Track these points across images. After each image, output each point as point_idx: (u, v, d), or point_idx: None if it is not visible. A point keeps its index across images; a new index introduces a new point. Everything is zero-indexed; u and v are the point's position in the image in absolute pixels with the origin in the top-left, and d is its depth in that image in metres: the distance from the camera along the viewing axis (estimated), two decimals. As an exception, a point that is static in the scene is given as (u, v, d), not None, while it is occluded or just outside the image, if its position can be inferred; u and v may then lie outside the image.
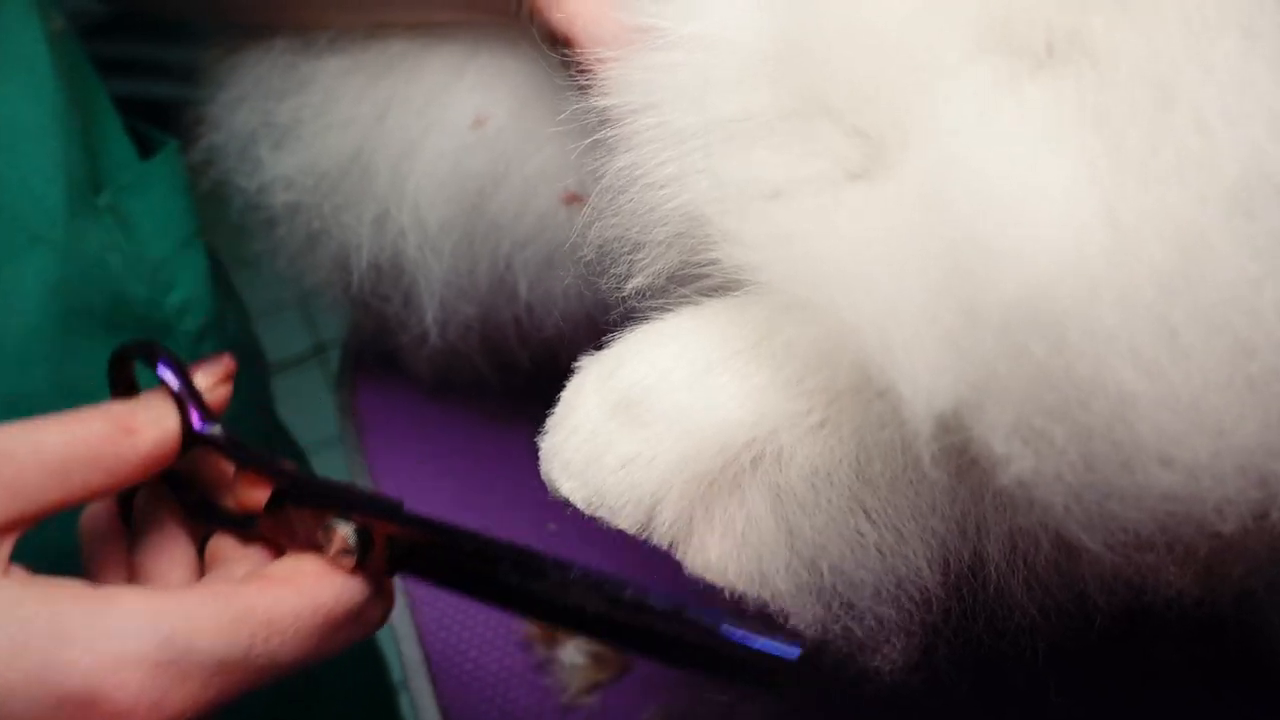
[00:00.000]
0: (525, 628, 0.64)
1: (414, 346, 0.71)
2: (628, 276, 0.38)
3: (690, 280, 0.37)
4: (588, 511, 0.36)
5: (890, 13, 0.33)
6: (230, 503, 0.40)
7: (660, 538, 0.35)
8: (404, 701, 0.79)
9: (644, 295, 0.40)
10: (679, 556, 0.35)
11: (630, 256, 0.38)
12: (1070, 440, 0.27)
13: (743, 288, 0.36)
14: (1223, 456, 0.27)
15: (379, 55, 0.62)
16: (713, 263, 0.35)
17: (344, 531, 0.37)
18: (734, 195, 0.34)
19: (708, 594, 0.35)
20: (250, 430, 0.69)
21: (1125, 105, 0.30)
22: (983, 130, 0.30)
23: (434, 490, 0.75)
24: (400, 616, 0.66)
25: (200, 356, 0.61)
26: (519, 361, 0.69)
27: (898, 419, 0.31)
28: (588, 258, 0.41)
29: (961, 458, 0.31)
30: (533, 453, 0.40)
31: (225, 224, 0.70)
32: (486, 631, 0.64)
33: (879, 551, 0.33)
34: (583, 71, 0.42)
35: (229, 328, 0.67)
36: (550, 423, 0.38)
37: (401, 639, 0.65)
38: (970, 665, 0.37)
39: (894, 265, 0.30)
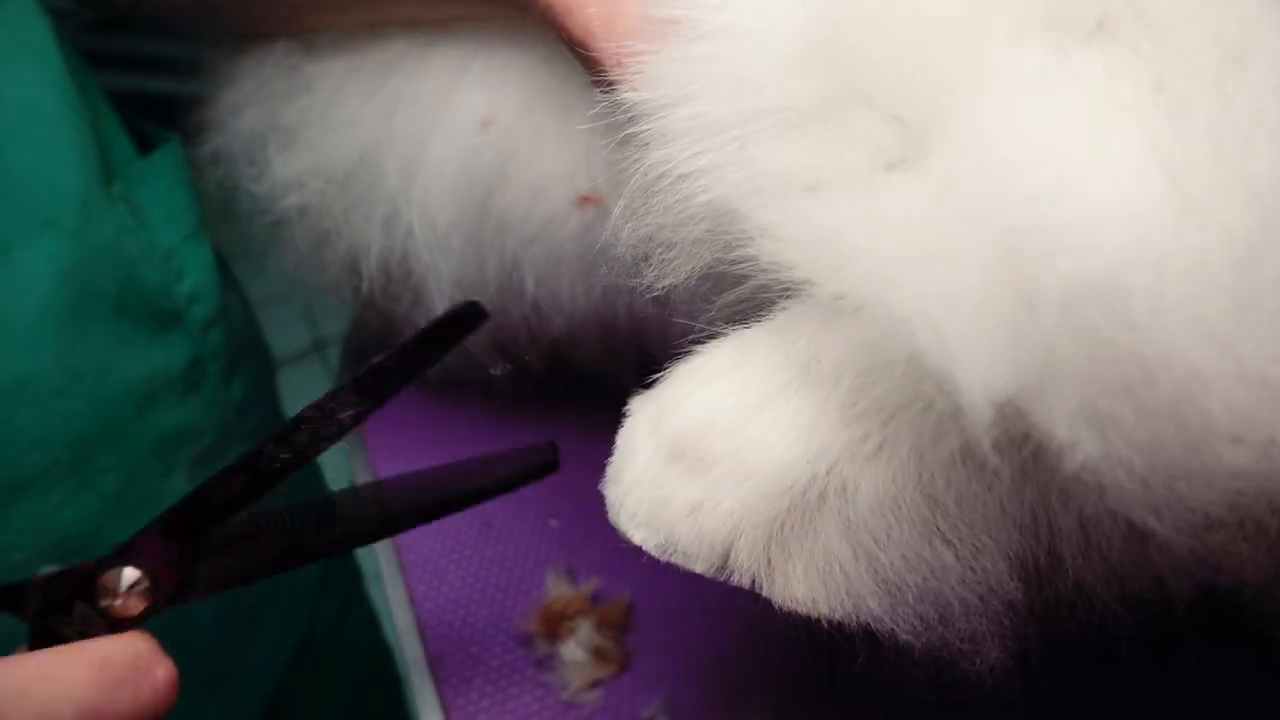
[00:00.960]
0: (526, 624, 0.64)
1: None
2: (661, 276, 0.38)
3: (728, 286, 0.37)
4: (663, 559, 0.36)
5: None
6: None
7: (741, 579, 0.36)
8: (405, 698, 0.79)
9: (680, 303, 0.39)
10: (765, 594, 0.36)
11: (663, 255, 0.38)
12: (1137, 422, 0.27)
13: (781, 303, 0.36)
14: None
15: (382, 55, 0.62)
16: (749, 260, 0.34)
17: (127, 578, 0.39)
18: (770, 189, 0.33)
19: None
20: (256, 424, 0.69)
21: (1190, 72, 0.29)
22: (1033, 108, 0.30)
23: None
24: (400, 612, 0.65)
25: (208, 346, 0.63)
26: (529, 363, 0.69)
27: (955, 425, 0.32)
28: (620, 258, 0.41)
29: (1024, 449, 0.31)
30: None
31: (228, 219, 0.70)
32: (488, 628, 0.65)
33: (959, 569, 0.33)
34: (604, 70, 0.41)
35: (234, 319, 0.67)
36: (610, 472, 0.38)
37: (403, 635, 0.65)
38: (1062, 662, 0.38)
39: (943, 252, 0.29)
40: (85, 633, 0.39)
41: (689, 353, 0.38)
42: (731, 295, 0.36)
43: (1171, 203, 0.27)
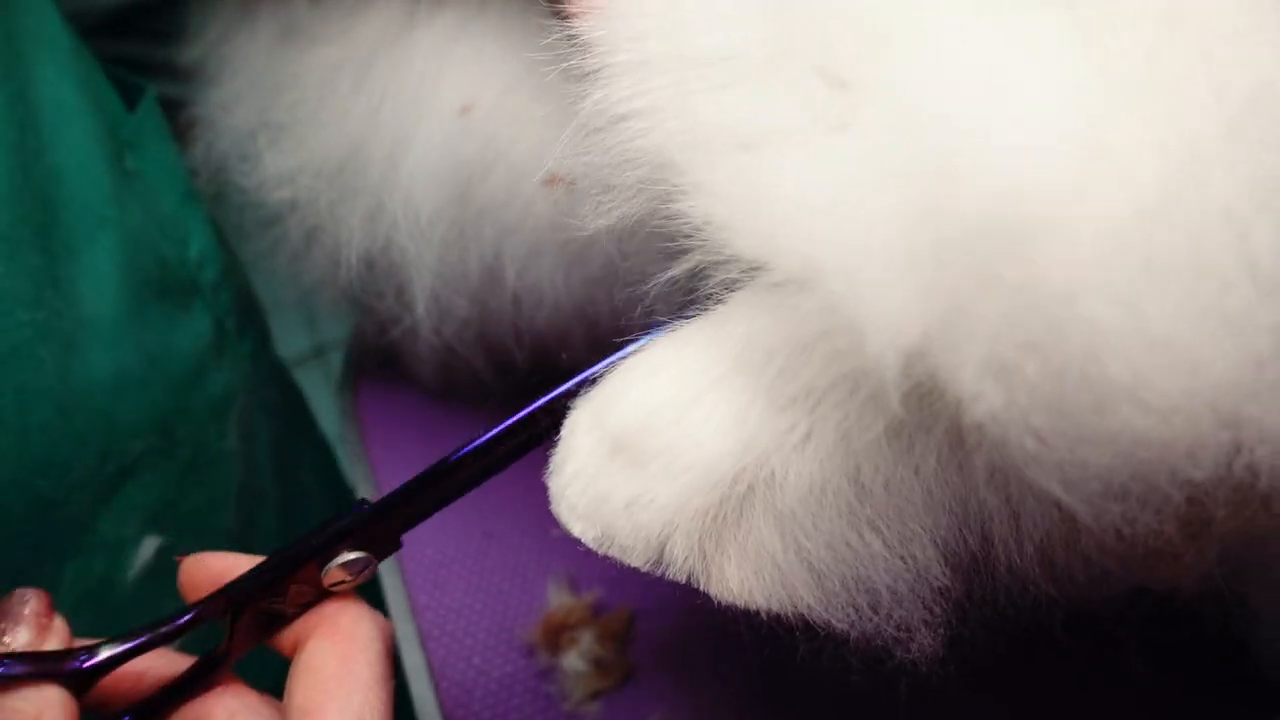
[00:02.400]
0: (528, 634, 0.65)
1: (411, 344, 0.72)
2: (596, 217, 0.38)
3: (666, 259, 0.37)
4: (600, 551, 0.37)
5: None
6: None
7: (676, 573, 0.36)
8: (407, 708, 0.79)
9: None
10: (702, 587, 0.36)
11: (600, 196, 0.38)
12: (1042, 376, 0.27)
13: (719, 294, 0.36)
14: (1195, 395, 0.26)
15: (368, 43, 0.63)
16: (683, 218, 0.35)
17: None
18: (706, 143, 0.33)
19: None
20: (269, 371, 0.74)
21: (1122, 29, 0.29)
22: (959, 56, 0.30)
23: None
24: (402, 621, 0.66)
25: (221, 306, 0.66)
26: (515, 359, 0.70)
27: (880, 408, 0.32)
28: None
29: (936, 411, 0.31)
30: (535, 460, 0.41)
31: (224, 225, 0.71)
32: (489, 638, 0.66)
33: (888, 556, 0.33)
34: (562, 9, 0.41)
35: (234, 276, 0.69)
36: (553, 464, 0.39)
37: (403, 644, 0.66)
38: (1000, 645, 0.38)
39: (864, 204, 0.29)
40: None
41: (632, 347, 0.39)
42: (671, 273, 0.36)
43: (1088, 155, 0.27)
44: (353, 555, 0.40)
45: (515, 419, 0.41)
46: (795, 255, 0.30)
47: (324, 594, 0.40)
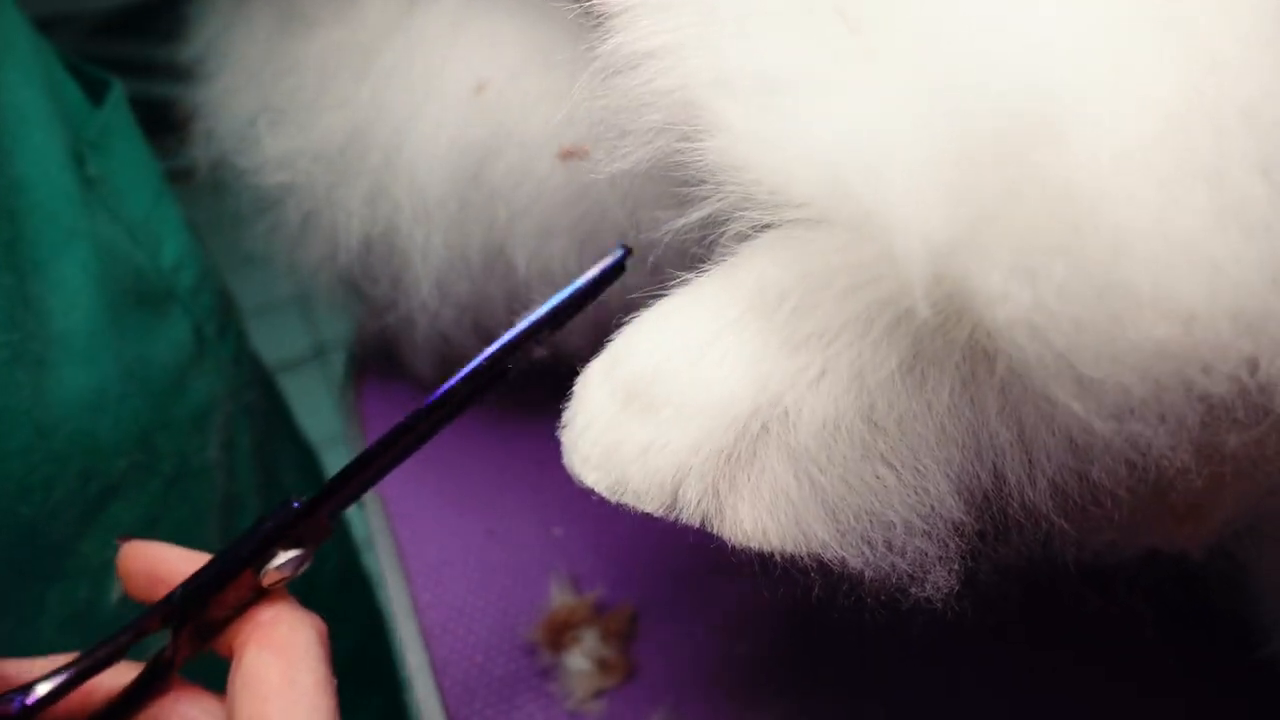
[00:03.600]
0: (530, 633, 0.65)
1: (408, 333, 0.72)
2: (612, 161, 0.38)
3: (679, 204, 0.37)
4: (613, 499, 0.37)
5: None
6: None
7: (690, 517, 0.36)
8: (409, 707, 0.79)
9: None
10: (716, 532, 0.36)
11: (617, 141, 0.38)
12: (1066, 279, 0.27)
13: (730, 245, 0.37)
14: (1214, 301, 0.27)
15: (368, 25, 0.63)
16: (696, 160, 0.35)
17: None
18: (728, 82, 0.33)
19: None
20: (250, 373, 0.72)
21: None
22: None
23: (437, 491, 0.76)
24: (405, 621, 0.66)
25: (200, 310, 0.64)
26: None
27: (895, 343, 0.33)
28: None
29: (953, 343, 0.32)
30: (536, 458, 0.41)
31: (224, 220, 0.71)
32: (491, 637, 0.66)
33: (901, 491, 0.34)
34: None
35: (213, 277, 0.68)
36: (566, 417, 0.39)
37: (406, 643, 0.66)
38: (1015, 582, 0.38)
39: (889, 122, 0.30)
40: None
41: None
42: (684, 220, 0.37)
43: (1112, 61, 0.28)
44: (289, 555, 0.41)
45: (436, 394, 0.43)
46: (819, 179, 0.30)
47: (261, 592, 0.41)
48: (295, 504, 0.41)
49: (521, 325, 0.42)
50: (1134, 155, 0.27)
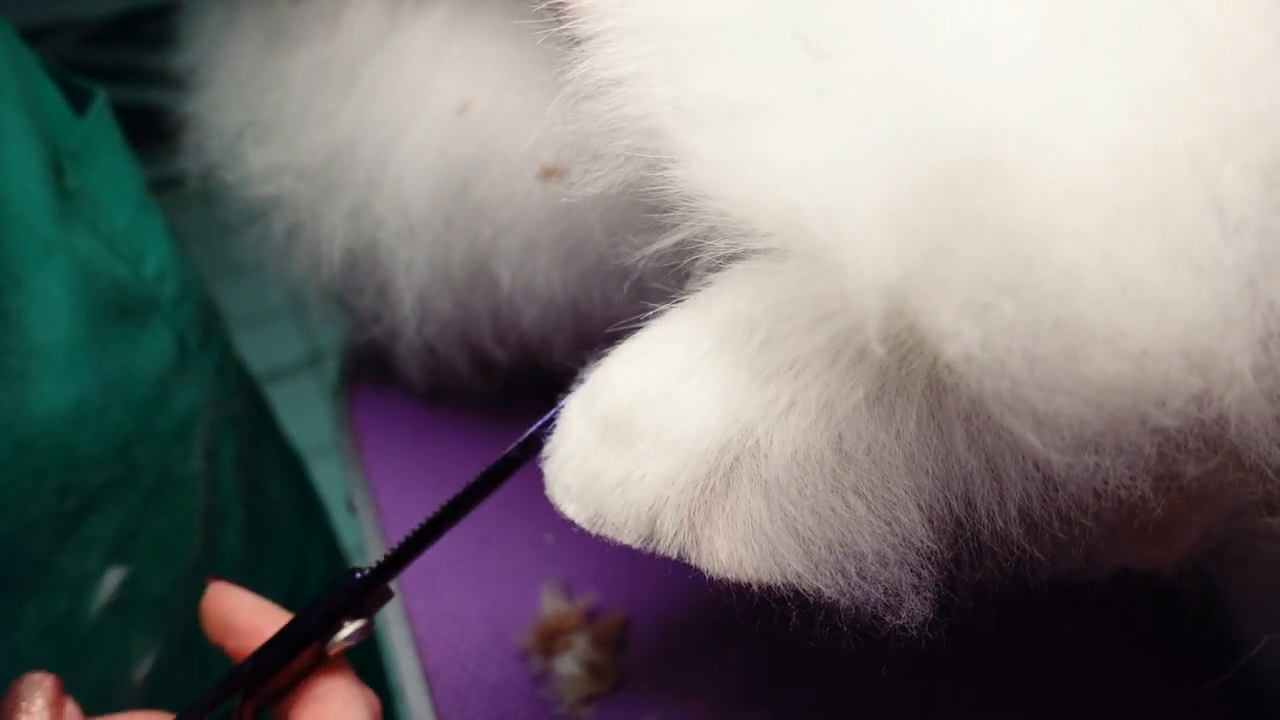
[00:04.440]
0: (522, 639, 0.66)
1: (394, 344, 0.73)
2: (585, 186, 0.39)
3: (653, 230, 0.38)
4: (593, 531, 0.38)
5: None
6: None
7: (667, 549, 0.37)
8: (401, 713, 0.79)
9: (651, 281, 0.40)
10: (693, 563, 0.37)
11: (588, 165, 0.39)
12: (1017, 316, 0.28)
13: (704, 273, 0.37)
14: (1165, 338, 0.27)
15: (351, 42, 0.63)
16: (669, 187, 0.35)
17: None
18: (693, 111, 0.34)
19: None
20: (234, 383, 0.72)
21: None
22: (936, 19, 0.31)
23: (430, 500, 0.75)
24: (397, 627, 0.66)
25: (182, 320, 0.64)
26: (497, 361, 0.71)
27: (861, 374, 0.33)
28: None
29: (915, 374, 0.32)
30: (529, 466, 0.41)
31: (214, 229, 0.72)
32: (483, 643, 0.67)
33: (872, 521, 0.34)
34: None
35: (196, 287, 0.68)
36: (547, 449, 0.40)
37: (398, 650, 0.66)
38: (989, 609, 0.39)
39: (846, 157, 0.30)
40: None
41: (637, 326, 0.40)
42: (657, 245, 0.38)
43: (1061, 100, 0.29)
44: (354, 626, 0.42)
45: (487, 470, 0.43)
46: (779, 212, 0.31)
47: (322, 658, 0.42)
48: (359, 574, 0.42)
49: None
50: (1083, 193, 0.28)
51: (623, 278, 0.56)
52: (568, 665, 0.64)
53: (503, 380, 0.74)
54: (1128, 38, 0.29)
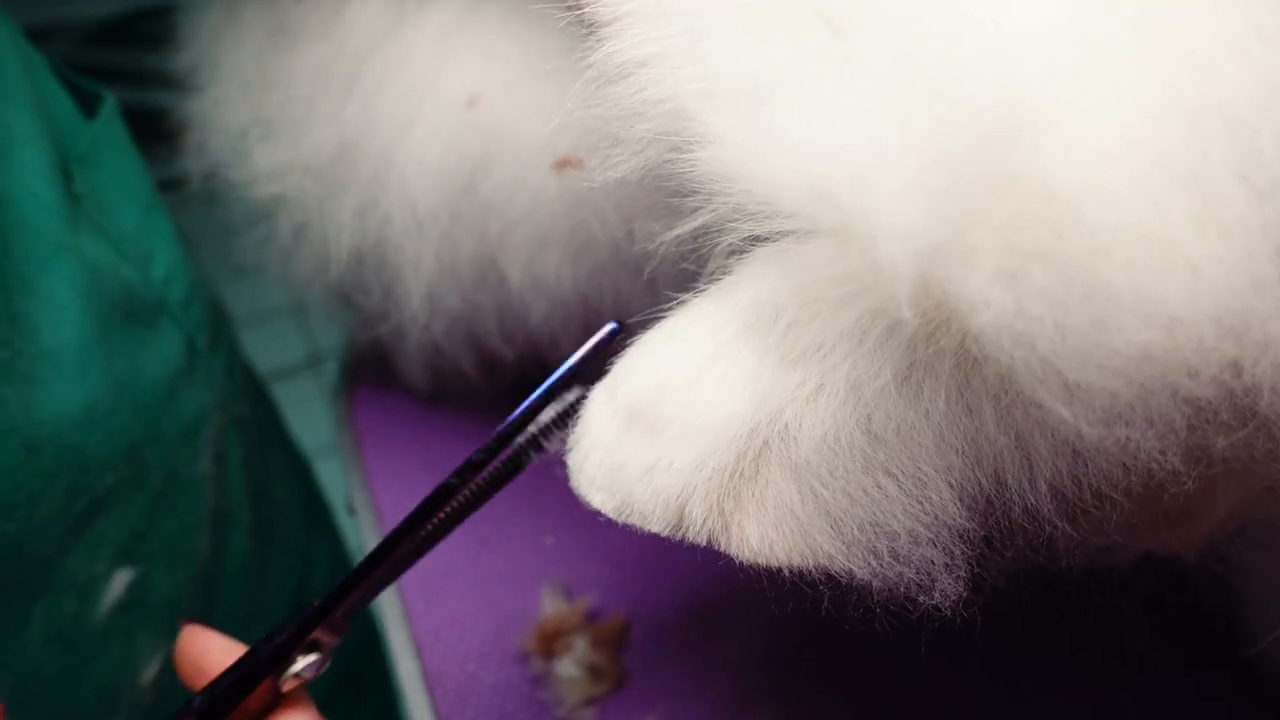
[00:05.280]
0: (522, 641, 0.66)
1: (401, 344, 0.73)
2: (606, 170, 0.39)
3: (674, 216, 0.38)
4: (620, 520, 0.38)
5: None
6: None
7: (696, 536, 0.37)
8: (402, 715, 0.79)
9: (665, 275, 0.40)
10: (723, 549, 0.37)
11: (610, 150, 0.38)
12: (1046, 284, 0.28)
13: (724, 261, 0.38)
14: (1195, 305, 0.28)
15: (356, 38, 0.63)
16: (689, 170, 0.35)
17: None
18: (717, 93, 0.34)
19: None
20: (242, 384, 0.73)
21: None
22: None
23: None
24: (397, 629, 0.66)
25: (191, 323, 0.65)
26: (504, 358, 0.71)
27: (889, 353, 0.33)
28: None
29: (943, 351, 0.32)
30: (530, 467, 0.41)
31: (217, 229, 0.72)
32: (483, 645, 0.68)
33: (904, 500, 0.34)
34: None
35: (204, 288, 0.69)
36: (571, 440, 0.40)
37: (398, 652, 0.66)
38: (1023, 585, 0.40)
39: (873, 128, 0.31)
40: None
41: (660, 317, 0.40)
42: (677, 231, 0.37)
43: (1090, 63, 0.29)
44: (307, 660, 0.42)
45: (430, 495, 0.43)
46: (806, 187, 0.31)
47: (279, 696, 0.43)
48: (309, 608, 0.42)
49: (522, 406, 0.43)
50: (1112, 158, 0.28)
51: (634, 272, 0.57)
52: (568, 667, 0.65)
53: (508, 379, 0.74)
54: (1157, 2, 0.29)
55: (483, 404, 0.79)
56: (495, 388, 0.76)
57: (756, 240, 0.35)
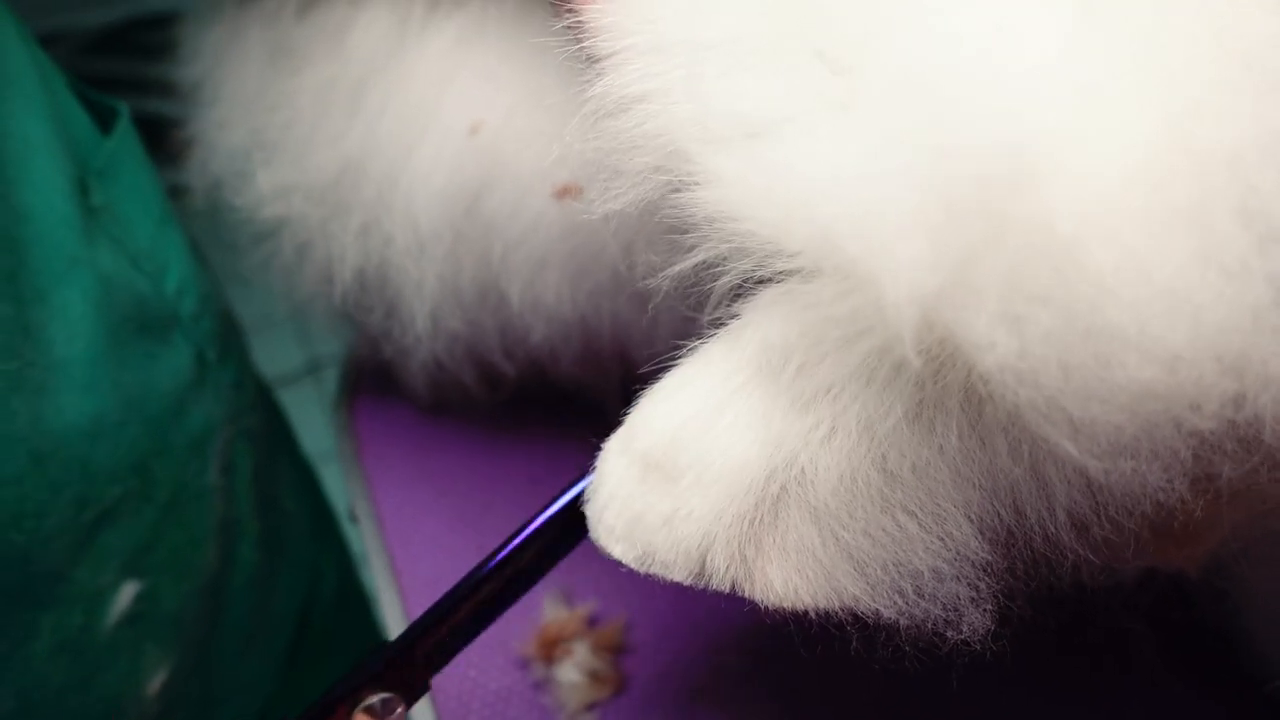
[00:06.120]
0: (523, 646, 0.67)
1: (404, 361, 0.73)
2: (605, 202, 0.39)
3: (676, 251, 0.38)
4: (641, 570, 0.39)
5: None
6: None
7: (720, 583, 0.38)
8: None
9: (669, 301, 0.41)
10: (747, 596, 0.37)
11: (609, 182, 0.39)
12: (1052, 324, 0.29)
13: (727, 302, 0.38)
14: (1197, 343, 0.28)
15: (358, 61, 0.64)
16: (689, 207, 0.36)
17: None
18: (714, 130, 0.35)
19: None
20: (252, 397, 0.73)
21: None
22: (956, 26, 0.32)
23: (431, 508, 0.77)
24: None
25: (201, 336, 0.66)
26: (505, 373, 0.72)
27: (898, 391, 0.34)
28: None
29: (950, 387, 0.33)
30: (529, 474, 0.41)
31: (218, 240, 0.72)
32: (485, 650, 0.68)
33: (925, 538, 0.35)
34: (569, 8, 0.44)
35: (215, 300, 0.69)
36: (588, 492, 0.41)
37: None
38: (1052, 616, 0.40)
39: (874, 171, 0.31)
40: None
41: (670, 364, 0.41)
42: (679, 267, 0.38)
43: (1090, 105, 0.29)
44: (377, 698, 0.43)
45: (504, 552, 0.45)
46: (808, 228, 0.32)
47: None
48: (382, 646, 0.44)
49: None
50: (1113, 198, 0.29)
51: (632, 296, 0.57)
52: (569, 672, 0.65)
53: (509, 391, 0.75)
54: (1157, 43, 0.30)
55: (483, 414, 0.80)
56: (496, 399, 0.76)
57: (758, 279, 0.36)
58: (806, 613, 0.37)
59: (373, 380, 0.87)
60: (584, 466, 0.42)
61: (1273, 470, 0.32)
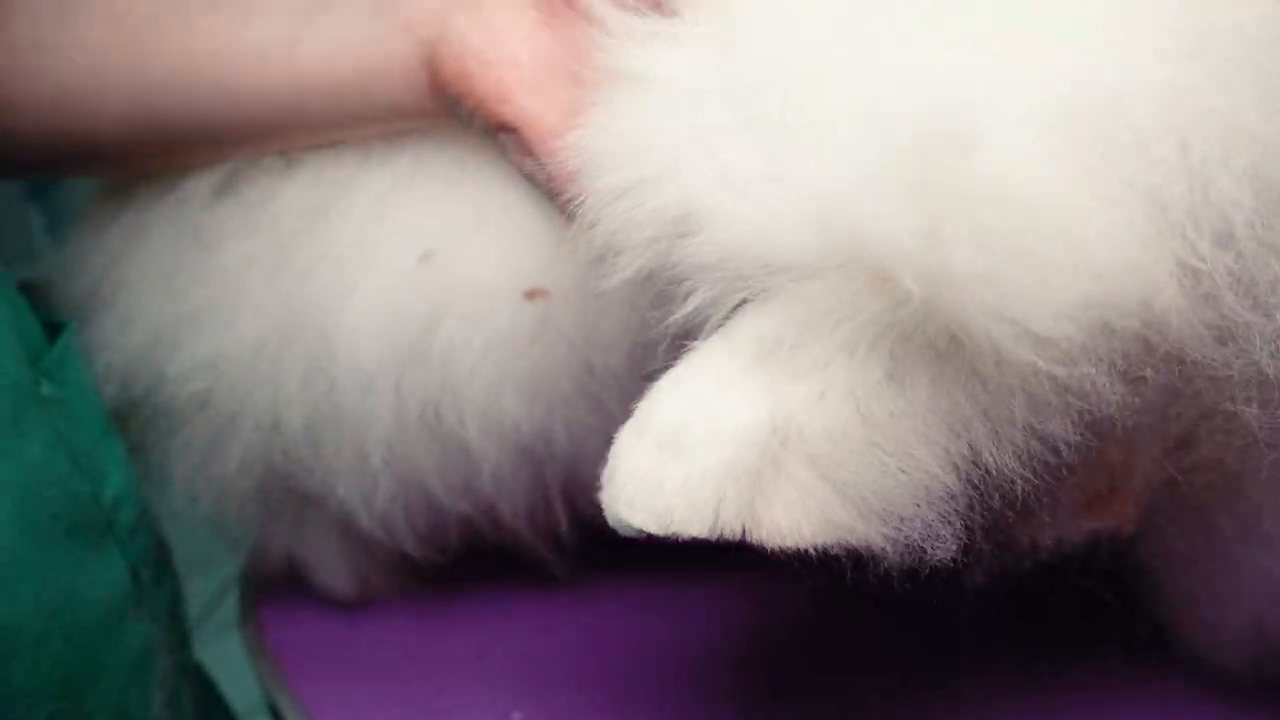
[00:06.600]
0: None
1: (325, 550, 0.74)
2: (611, 275, 0.48)
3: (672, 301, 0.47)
4: (660, 534, 0.44)
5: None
6: None
7: (731, 533, 0.43)
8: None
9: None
10: (755, 541, 0.44)
11: (614, 258, 0.48)
12: (1016, 267, 0.37)
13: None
14: (1113, 254, 0.37)
15: (287, 227, 0.65)
16: (690, 260, 0.44)
17: None
18: (704, 187, 0.43)
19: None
20: (185, 630, 0.68)
21: None
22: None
23: (374, 704, 0.73)
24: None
25: (137, 552, 0.61)
26: (450, 525, 0.72)
27: (877, 359, 0.42)
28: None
29: (922, 341, 0.42)
30: (482, 645, 0.46)
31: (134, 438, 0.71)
32: None
33: (901, 471, 0.43)
34: (532, 154, 0.54)
35: (150, 519, 0.65)
36: (605, 477, 0.46)
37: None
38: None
39: (849, 172, 0.40)
40: None
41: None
42: (675, 314, 0.47)
43: (1009, 69, 0.40)
44: None
45: None
46: (812, 238, 0.41)
47: None
48: None
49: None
50: (1033, 152, 0.38)
51: (592, 401, 0.63)
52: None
53: (453, 552, 0.74)
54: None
55: (409, 598, 0.78)
56: (440, 562, 0.75)
57: (743, 302, 0.44)
58: (807, 551, 0.43)
59: (281, 588, 0.81)
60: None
61: (1179, 367, 0.42)
